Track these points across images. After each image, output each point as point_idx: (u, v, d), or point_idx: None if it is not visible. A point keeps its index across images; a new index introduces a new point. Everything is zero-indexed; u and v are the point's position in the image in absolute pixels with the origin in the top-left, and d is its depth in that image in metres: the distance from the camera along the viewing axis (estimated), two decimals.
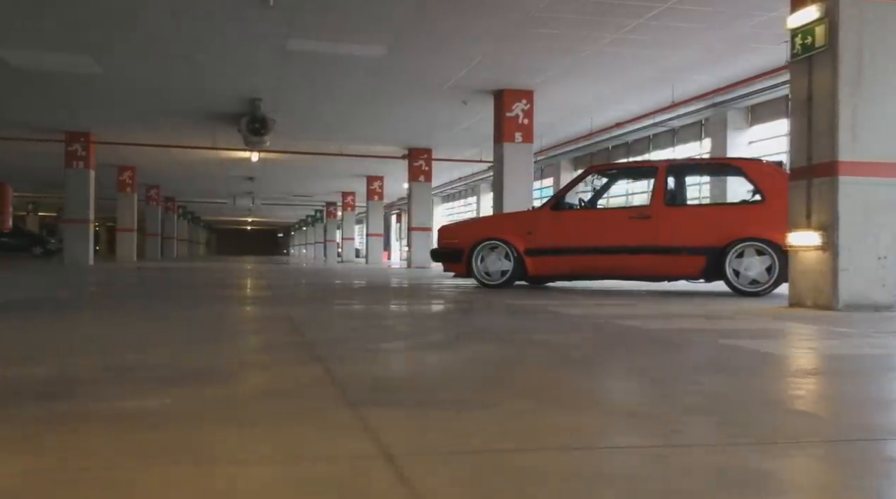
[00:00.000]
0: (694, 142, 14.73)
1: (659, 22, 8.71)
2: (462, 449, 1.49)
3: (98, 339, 3.44)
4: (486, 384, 2.31)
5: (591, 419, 1.78)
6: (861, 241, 5.42)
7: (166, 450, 1.45)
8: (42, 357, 2.78)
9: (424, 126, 16.05)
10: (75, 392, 2.06)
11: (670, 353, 3.17)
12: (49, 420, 1.71)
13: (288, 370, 2.49)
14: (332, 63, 10.85)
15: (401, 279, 11.06)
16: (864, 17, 5.42)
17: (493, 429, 1.67)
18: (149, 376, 2.36)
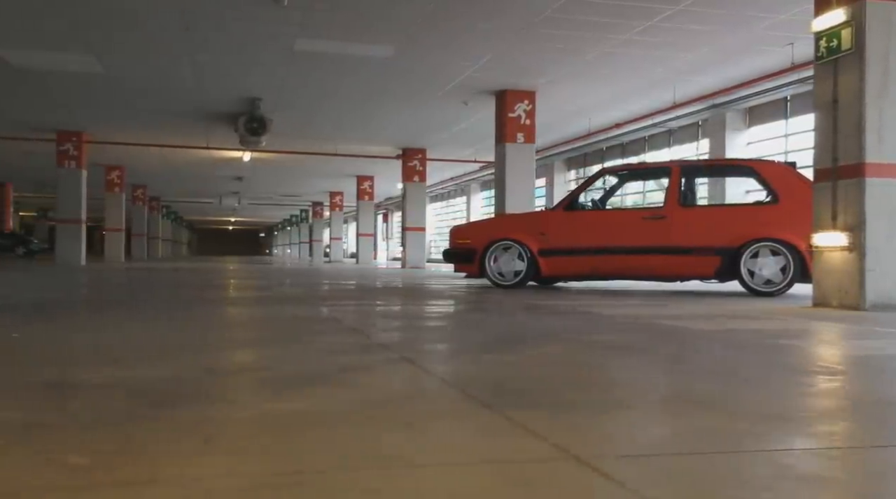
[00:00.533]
0: (690, 142, 14.86)
1: (670, 24, 8.79)
2: (646, 451, 1.51)
3: (170, 340, 3.42)
4: (594, 385, 2.33)
5: (735, 422, 1.79)
6: (887, 242, 5.51)
7: (362, 453, 1.45)
8: (135, 359, 2.76)
9: (422, 126, 16.06)
10: (209, 394, 2.05)
11: (741, 353, 3.21)
12: (215, 423, 1.70)
13: (391, 372, 2.49)
14: (337, 63, 10.83)
15: (406, 280, 11.05)
16: (891, 20, 5.51)
17: (655, 430, 1.70)
18: (263, 378, 2.36)
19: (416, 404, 1.96)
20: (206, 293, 7.30)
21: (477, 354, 3.04)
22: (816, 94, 5.95)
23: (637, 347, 3.32)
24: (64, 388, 2.15)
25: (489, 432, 1.64)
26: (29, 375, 2.37)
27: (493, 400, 1.98)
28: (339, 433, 1.60)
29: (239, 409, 1.87)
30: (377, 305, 5.97)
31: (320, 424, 1.69)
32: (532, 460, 1.42)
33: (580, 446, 1.51)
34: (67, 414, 1.80)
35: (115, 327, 4.02)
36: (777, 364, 2.86)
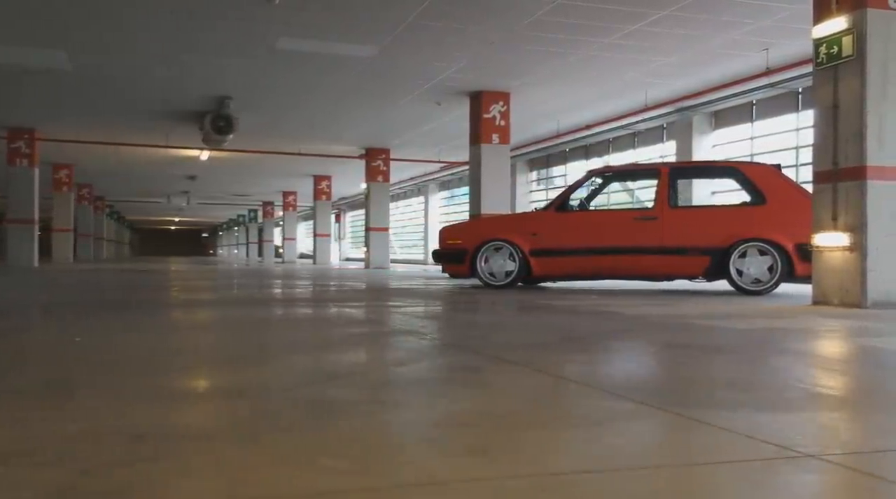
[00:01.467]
0: (655, 145, 15.14)
1: (657, 28, 8.95)
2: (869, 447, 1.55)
3: (238, 342, 3.34)
4: (731, 385, 2.36)
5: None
6: (887, 242, 5.72)
7: (636, 454, 1.45)
8: (231, 361, 2.69)
9: (389, 126, 15.99)
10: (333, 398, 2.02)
11: (814, 352, 3.31)
12: (395, 425, 1.68)
13: (508, 373, 2.49)
14: (317, 62, 10.71)
15: (384, 280, 10.98)
16: (890, 29, 5.72)
17: (852, 427, 1.75)
18: (388, 380, 2.34)
19: (579, 402, 1.97)
20: (200, 294, 7.15)
21: (560, 355, 3.05)
22: (816, 98, 6.14)
23: (719, 348, 3.38)
24: (200, 395, 2.09)
25: (687, 430, 1.66)
26: (145, 383, 2.29)
27: (650, 400, 2.00)
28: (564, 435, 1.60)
29: (405, 411, 1.85)
30: (403, 306, 5.93)
31: (533, 425, 1.68)
32: (760, 459, 1.44)
33: (800, 444, 1.53)
34: (255, 420, 1.75)
35: (166, 330, 3.91)
36: (831, 359, 2.96)
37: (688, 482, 1.30)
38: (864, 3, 5.69)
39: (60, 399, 1.98)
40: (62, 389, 2.14)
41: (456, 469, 1.34)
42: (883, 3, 5.70)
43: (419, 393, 2.13)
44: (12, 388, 2.14)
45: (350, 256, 38.10)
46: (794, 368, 2.73)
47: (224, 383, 2.29)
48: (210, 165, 22.14)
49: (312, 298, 6.99)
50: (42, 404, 1.91)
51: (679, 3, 8.16)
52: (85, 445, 1.47)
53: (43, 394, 2.03)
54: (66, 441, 1.50)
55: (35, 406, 1.87)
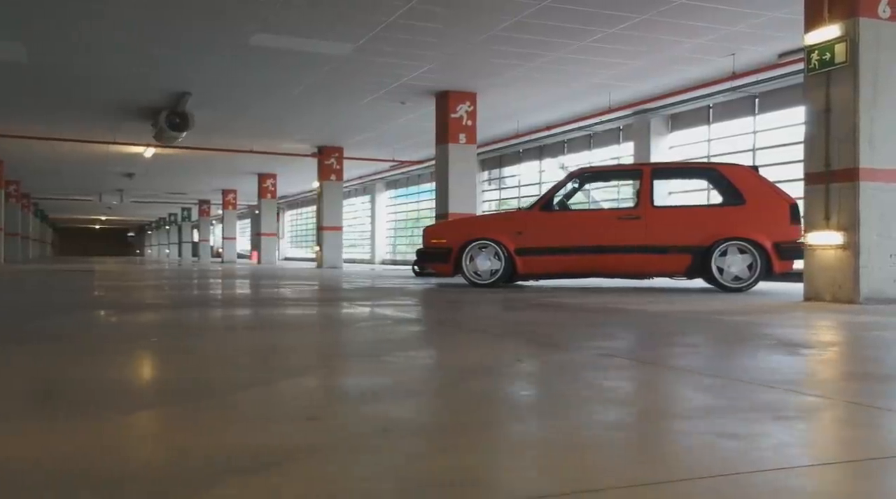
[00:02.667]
0: (611, 146, 15.43)
1: (632, 32, 9.13)
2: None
3: (317, 342, 3.28)
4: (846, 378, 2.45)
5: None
6: (878, 241, 5.99)
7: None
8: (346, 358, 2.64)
9: (348, 125, 15.86)
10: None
11: (849, 342, 3.45)
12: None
13: (647, 373, 2.52)
14: (288, 60, 10.54)
15: (355, 281, 10.87)
16: (880, 37, 5.99)
17: None
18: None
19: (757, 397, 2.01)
20: (200, 297, 6.95)
21: (651, 356, 3.11)
22: (809, 102, 6.39)
23: (780, 343, 3.48)
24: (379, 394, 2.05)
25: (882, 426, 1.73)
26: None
27: (805, 390, 2.06)
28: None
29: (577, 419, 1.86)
30: (419, 308, 5.89)
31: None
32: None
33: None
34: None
35: (245, 332, 3.80)
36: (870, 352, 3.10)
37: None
38: (856, 13, 5.95)
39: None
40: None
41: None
42: (873, 13, 5.97)
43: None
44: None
45: (290, 256, 37.58)
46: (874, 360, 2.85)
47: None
48: (153, 163, 21.51)
49: (321, 304, 6.87)
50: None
51: (658, 7, 8.35)
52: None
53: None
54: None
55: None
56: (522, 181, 18.74)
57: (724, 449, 1.46)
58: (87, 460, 1.38)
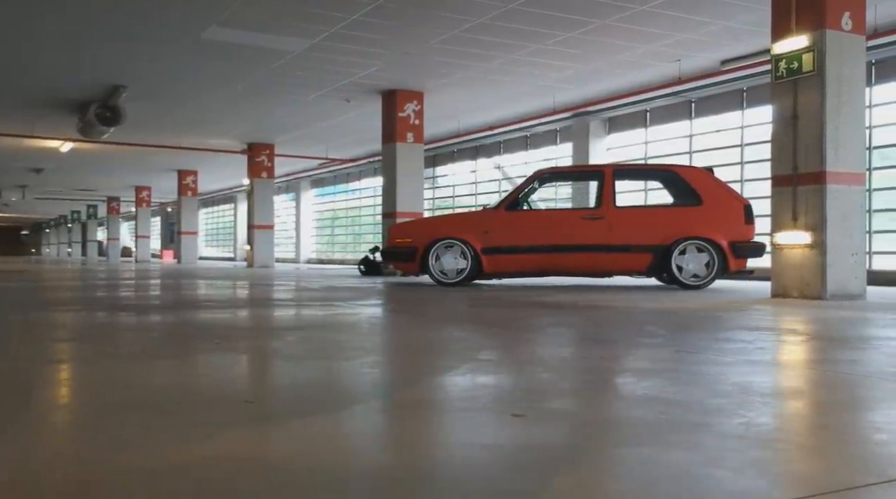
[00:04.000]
0: (548, 147, 15.72)
1: (588, 37, 9.35)
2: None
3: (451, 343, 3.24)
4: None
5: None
6: (841, 240, 6.37)
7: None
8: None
9: (284, 121, 15.57)
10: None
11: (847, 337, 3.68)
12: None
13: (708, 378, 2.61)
14: (237, 55, 10.30)
15: (312, 281, 10.71)
16: (843, 49, 6.37)
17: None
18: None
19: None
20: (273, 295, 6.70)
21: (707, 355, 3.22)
22: (776, 109, 6.72)
23: (791, 331, 3.67)
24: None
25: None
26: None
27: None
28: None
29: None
30: (433, 310, 5.86)
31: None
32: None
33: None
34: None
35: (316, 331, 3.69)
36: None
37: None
38: (823, 25, 6.31)
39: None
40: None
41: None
42: (838, 26, 6.35)
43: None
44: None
45: (205, 255, 36.54)
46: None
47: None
48: (66, 158, 20.51)
49: (323, 305, 6.74)
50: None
51: (620, 13, 8.59)
52: None
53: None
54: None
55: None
56: (458, 181, 18.85)
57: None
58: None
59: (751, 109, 11.67)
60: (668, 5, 8.29)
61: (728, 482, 1.31)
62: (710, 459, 1.45)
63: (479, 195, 18.18)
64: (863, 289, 6.48)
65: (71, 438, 1.67)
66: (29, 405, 2.00)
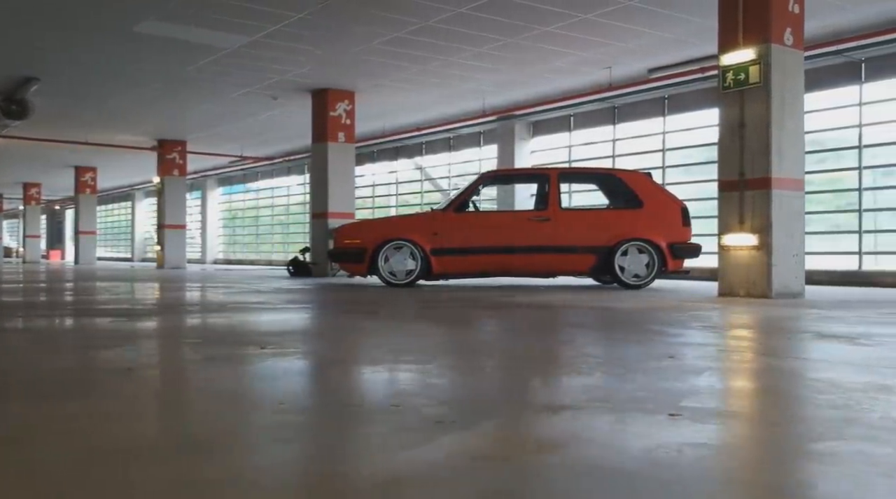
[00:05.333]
0: (472, 148, 15.91)
1: (529, 42, 9.56)
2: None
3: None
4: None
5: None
6: (784, 242, 6.78)
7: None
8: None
9: (204, 119, 15.11)
10: None
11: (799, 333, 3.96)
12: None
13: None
14: (167, 49, 9.95)
15: (239, 284, 10.44)
16: (786, 62, 6.79)
17: None
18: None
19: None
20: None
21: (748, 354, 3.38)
22: (724, 117, 7.08)
23: (744, 326, 3.91)
24: None
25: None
26: None
27: None
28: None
29: None
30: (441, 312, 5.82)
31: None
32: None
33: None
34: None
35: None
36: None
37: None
38: (768, 39, 6.70)
39: None
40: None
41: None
42: (781, 40, 6.76)
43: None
44: None
45: (100, 256, 34.86)
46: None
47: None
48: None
49: (300, 309, 6.57)
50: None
51: (558, 22, 8.82)
52: None
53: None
54: None
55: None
56: (377, 181, 18.78)
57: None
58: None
59: (672, 116, 12.20)
60: (608, 15, 8.58)
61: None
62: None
63: (400, 196, 18.20)
64: (802, 287, 6.93)
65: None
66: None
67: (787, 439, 1.68)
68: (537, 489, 1.31)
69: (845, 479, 1.35)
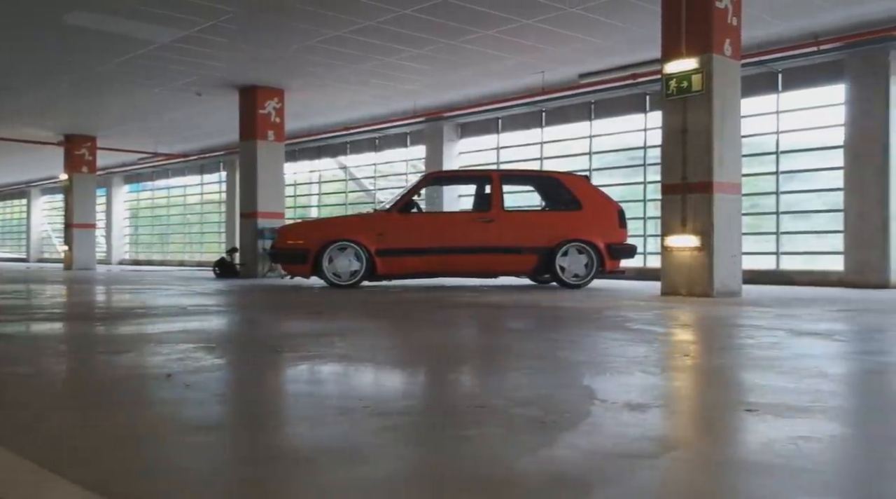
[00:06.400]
0: (396, 149, 15.89)
1: (470, 45, 9.65)
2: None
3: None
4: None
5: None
6: (724, 243, 7.12)
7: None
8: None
9: (120, 113, 14.51)
10: None
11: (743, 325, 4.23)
12: None
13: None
14: (94, 41, 9.53)
15: (167, 285, 10.11)
16: (726, 72, 7.13)
17: None
18: None
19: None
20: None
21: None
22: (666, 124, 7.36)
23: (697, 321, 4.13)
24: None
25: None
26: None
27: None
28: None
29: None
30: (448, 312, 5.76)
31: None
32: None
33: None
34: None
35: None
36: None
37: None
38: (710, 49, 7.02)
39: None
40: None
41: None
42: (721, 51, 7.09)
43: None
44: None
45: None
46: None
47: None
48: None
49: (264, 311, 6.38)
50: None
51: (500, 26, 8.95)
52: None
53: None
54: None
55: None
56: (298, 180, 18.49)
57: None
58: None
59: (598, 121, 12.57)
60: (550, 21, 8.76)
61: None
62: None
63: (323, 195, 18.00)
64: (740, 287, 7.29)
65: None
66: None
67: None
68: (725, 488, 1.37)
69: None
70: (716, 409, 2.12)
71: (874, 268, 9.17)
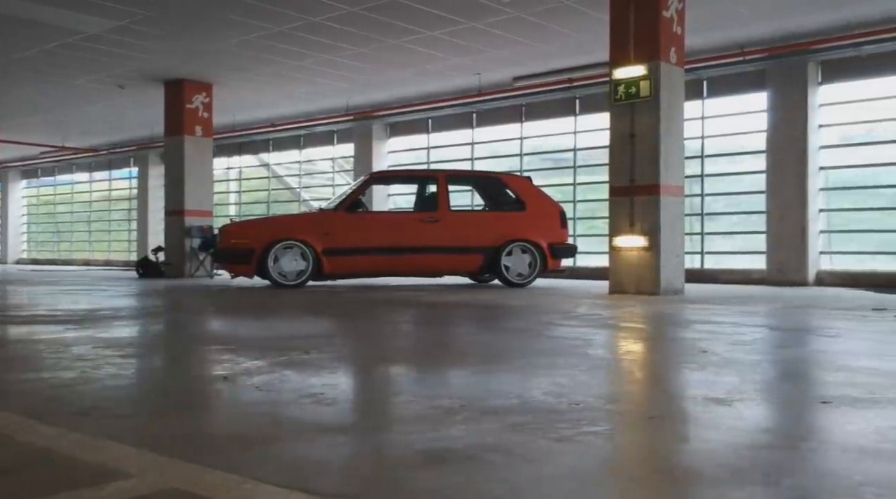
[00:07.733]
0: (322, 147, 15.70)
1: (406, 45, 9.66)
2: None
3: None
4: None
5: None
6: (669, 243, 7.42)
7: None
8: None
9: (28, 106, 13.73)
10: None
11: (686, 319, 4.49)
12: None
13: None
14: (16, 29, 9.01)
15: (90, 286, 9.69)
16: (670, 78, 7.43)
17: None
18: None
19: None
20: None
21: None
22: (614, 128, 7.60)
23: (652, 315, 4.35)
24: None
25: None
26: None
27: None
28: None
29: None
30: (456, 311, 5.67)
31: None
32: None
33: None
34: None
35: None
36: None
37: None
38: (657, 57, 7.29)
39: None
40: None
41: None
42: (667, 58, 7.38)
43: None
44: None
45: None
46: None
47: None
48: None
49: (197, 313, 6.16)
50: None
51: (445, 27, 9.01)
52: None
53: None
54: None
55: None
56: (218, 177, 17.96)
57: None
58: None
59: (529, 123, 12.80)
60: (497, 24, 8.88)
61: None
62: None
63: (243, 193, 17.60)
64: (682, 285, 7.61)
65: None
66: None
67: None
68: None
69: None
70: (794, 402, 2.24)
71: (793, 267, 9.72)
